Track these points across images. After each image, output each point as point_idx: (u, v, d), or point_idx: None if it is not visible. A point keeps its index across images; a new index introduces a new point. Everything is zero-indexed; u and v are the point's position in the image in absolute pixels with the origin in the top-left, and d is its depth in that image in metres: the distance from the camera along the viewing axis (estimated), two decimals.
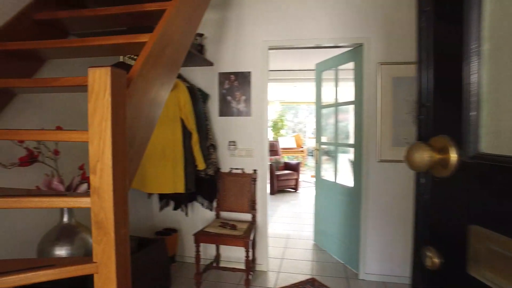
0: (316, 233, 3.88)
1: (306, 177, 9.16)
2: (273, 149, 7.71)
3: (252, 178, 3.06)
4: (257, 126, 3.10)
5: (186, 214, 2.94)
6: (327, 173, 3.79)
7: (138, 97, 1.25)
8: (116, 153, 1.01)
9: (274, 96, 9.85)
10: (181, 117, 2.59)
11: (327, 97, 3.70)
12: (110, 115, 0.98)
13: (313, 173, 9.69)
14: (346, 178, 3.67)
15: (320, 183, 3.75)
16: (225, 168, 3.17)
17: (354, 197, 3.11)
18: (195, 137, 2.61)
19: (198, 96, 2.87)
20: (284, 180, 6.83)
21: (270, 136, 10.21)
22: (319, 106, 3.72)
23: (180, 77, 2.77)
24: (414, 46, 0.92)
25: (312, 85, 7.13)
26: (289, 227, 4.58)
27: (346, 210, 3.26)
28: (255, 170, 3.09)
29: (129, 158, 1.13)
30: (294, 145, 9.35)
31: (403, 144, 2.80)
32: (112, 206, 0.98)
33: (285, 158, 9.76)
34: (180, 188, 2.53)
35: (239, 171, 3.13)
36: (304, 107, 12.34)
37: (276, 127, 10.33)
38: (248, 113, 3.11)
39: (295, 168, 7.05)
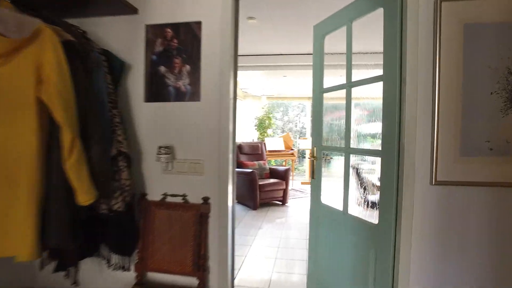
0: (311, 281, 2.54)
1: (296, 184, 7.86)
2: (257, 152, 6.37)
3: (200, 214, 1.69)
4: (212, 120, 1.75)
5: (75, 282, 1.56)
6: (328, 193, 2.45)
7: None
8: None
9: (260, 90, 8.55)
10: (40, 99, 1.22)
11: (331, 80, 2.37)
12: None
13: (304, 179, 8.42)
14: (352, 201, 2.39)
15: (319, 210, 2.40)
16: (153, 194, 1.80)
17: (380, 242, 1.79)
18: (67, 138, 1.23)
19: (97, 62, 1.50)
20: (269, 191, 5.50)
21: (254, 136, 8.86)
22: (319, 90, 2.37)
23: (63, 26, 1.40)
24: None
25: (306, 75, 5.81)
26: (273, 265, 3.22)
27: (364, 262, 1.93)
28: (206, 199, 1.73)
29: None
30: (282, 147, 8.03)
31: (484, 152, 1.48)
32: None
33: (272, 163, 8.48)
34: (22, 248, 1.15)
35: (178, 200, 1.76)
36: (295, 104, 11.10)
37: (262, 126, 8.98)
38: (195, 97, 1.75)
39: (283, 176, 5.72)
